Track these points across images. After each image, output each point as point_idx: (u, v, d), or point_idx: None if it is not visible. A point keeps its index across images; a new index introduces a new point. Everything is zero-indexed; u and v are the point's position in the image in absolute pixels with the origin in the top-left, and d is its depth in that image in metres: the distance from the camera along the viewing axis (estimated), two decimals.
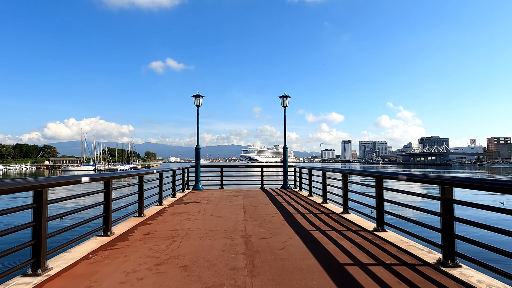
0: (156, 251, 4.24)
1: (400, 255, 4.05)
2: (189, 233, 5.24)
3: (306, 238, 4.87)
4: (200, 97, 13.36)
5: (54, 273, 3.42)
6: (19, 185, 3.12)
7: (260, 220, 6.34)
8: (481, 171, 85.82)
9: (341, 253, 4.11)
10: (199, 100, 13.37)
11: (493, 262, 3.09)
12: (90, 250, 4.30)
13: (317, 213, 7.23)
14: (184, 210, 7.73)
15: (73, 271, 3.51)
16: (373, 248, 4.34)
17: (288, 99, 13.68)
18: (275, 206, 8.30)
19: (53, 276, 3.34)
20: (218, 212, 7.39)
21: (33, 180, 3.34)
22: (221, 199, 9.85)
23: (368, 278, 3.28)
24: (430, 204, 14.75)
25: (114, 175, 5.28)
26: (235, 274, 3.39)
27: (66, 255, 4.06)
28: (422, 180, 4.24)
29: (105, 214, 5.15)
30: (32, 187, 3.32)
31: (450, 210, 3.68)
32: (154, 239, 4.91)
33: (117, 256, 4.05)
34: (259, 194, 11.19)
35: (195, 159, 13.61)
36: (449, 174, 6.72)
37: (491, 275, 3.27)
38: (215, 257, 3.96)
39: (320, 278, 3.28)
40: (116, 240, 4.82)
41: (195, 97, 13.36)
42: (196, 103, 13.39)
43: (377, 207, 5.45)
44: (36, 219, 3.42)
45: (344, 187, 7.13)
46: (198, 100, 13.37)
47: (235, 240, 4.79)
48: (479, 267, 3.29)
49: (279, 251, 4.20)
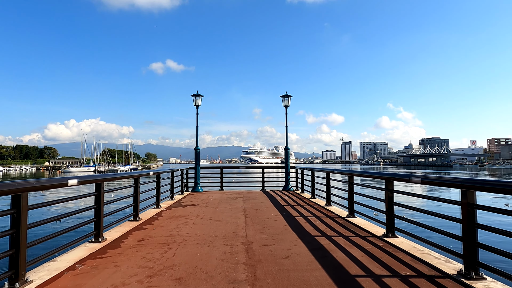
0: (149, 260, 3.89)
1: (415, 265, 3.70)
2: (186, 239, 4.89)
3: (311, 245, 4.52)
4: (199, 96, 13.03)
5: (34, 287, 3.07)
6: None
7: (262, 225, 5.99)
8: (483, 172, 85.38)
9: (351, 263, 3.76)
10: (198, 99, 13.04)
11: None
12: (78, 259, 3.95)
13: (321, 216, 6.88)
14: (182, 213, 7.38)
15: (56, 284, 3.16)
16: (385, 257, 3.99)
17: (289, 98, 13.34)
18: (277, 209, 7.95)
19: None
20: (218, 215, 7.04)
21: (11, 183, 2.99)
22: (220, 201, 9.50)
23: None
24: (444, 208, 14.27)
25: (106, 177, 4.93)
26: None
27: (51, 265, 3.72)
28: (440, 183, 3.89)
29: (96, 219, 4.80)
30: (10, 191, 2.97)
31: (472, 216, 3.33)
32: (148, 246, 4.56)
33: (106, 266, 3.70)
34: (260, 196, 10.84)
35: (195, 160, 13.27)
36: (450, 175, 6.45)
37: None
38: (214, 267, 3.61)
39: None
40: (107, 247, 4.48)
41: (194, 97, 13.03)
42: (195, 102, 13.06)
43: (387, 211, 5.10)
44: (15, 226, 3.08)
45: (350, 190, 6.79)
46: (197, 100, 13.04)
47: (235, 247, 4.45)
48: (507, 280, 2.95)
49: (283, 261, 3.85)
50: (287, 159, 13.51)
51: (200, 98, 13.09)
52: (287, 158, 13.54)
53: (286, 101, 13.33)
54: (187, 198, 10.52)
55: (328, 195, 8.51)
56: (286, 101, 13.33)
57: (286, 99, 13.32)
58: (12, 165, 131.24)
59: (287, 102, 13.33)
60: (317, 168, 10.32)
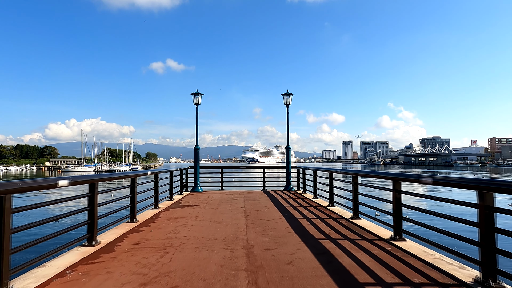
0: (144, 266, 3.66)
1: (427, 271, 3.47)
2: (184, 243, 4.66)
3: (316, 249, 4.29)
4: (199, 95, 12.80)
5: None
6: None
7: (263, 227, 5.76)
8: (484, 171, 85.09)
9: (359, 269, 3.52)
10: (198, 98, 12.81)
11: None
12: (68, 265, 3.72)
13: (324, 218, 6.64)
14: (180, 214, 7.16)
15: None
16: (395, 262, 3.75)
17: (291, 97, 13.10)
18: (279, 210, 7.72)
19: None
20: (217, 217, 6.81)
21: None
22: (221, 202, 9.27)
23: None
24: (455, 210, 13.85)
25: (100, 177, 4.69)
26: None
27: (39, 271, 3.49)
28: (455, 184, 3.64)
29: (89, 221, 4.57)
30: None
31: (491, 220, 3.09)
32: (144, 250, 4.33)
33: (98, 272, 3.47)
34: (261, 196, 10.61)
35: (194, 160, 13.05)
36: (451, 175, 6.12)
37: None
38: (212, 274, 3.38)
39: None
40: (101, 251, 4.25)
41: (194, 95, 12.79)
42: (195, 101, 12.83)
43: (394, 213, 4.87)
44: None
45: (355, 190, 6.55)
46: (197, 98, 12.81)
47: (235, 251, 4.21)
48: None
49: (286, 266, 3.61)
50: (289, 158, 13.27)
51: (200, 97, 12.86)
52: (288, 157, 13.30)
53: (287, 100, 13.09)
54: (186, 198, 10.29)
55: (331, 196, 8.27)
56: (288, 99, 13.09)
57: (287, 97, 13.08)
58: (13, 164, 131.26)
59: (288, 101, 13.09)
60: (319, 168, 10.08)
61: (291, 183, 13.01)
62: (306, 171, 12.14)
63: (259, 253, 4.11)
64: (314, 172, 10.19)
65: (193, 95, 12.80)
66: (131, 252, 4.23)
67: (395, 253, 4.14)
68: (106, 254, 4.14)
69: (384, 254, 4.10)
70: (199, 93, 12.78)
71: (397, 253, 4.11)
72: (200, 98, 12.87)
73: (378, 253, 4.12)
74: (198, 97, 12.81)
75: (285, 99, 13.11)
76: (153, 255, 4.08)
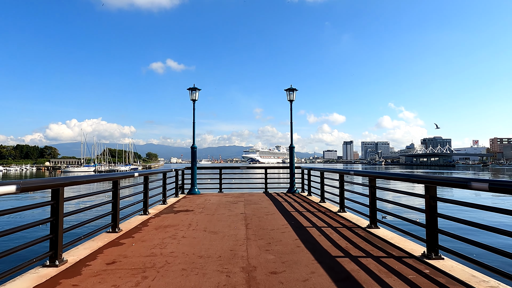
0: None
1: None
2: (169, 262, 3.77)
3: (335, 273, 3.38)
4: (196, 90, 11.91)
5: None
6: None
7: (267, 239, 4.86)
8: (486, 172, 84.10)
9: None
10: (195, 93, 11.92)
11: None
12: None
13: (337, 227, 5.75)
14: (172, 222, 6.26)
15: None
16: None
17: (294, 92, 12.20)
18: (284, 216, 6.83)
19: None
20: (214, 225, 5.92)
21: None
22: (218, 206, 8.38)
23: None
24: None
25: (65, 181, 3.80)
26: None
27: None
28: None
29: (52, 236, 3.69)
30: None
31: None
32: (117, 272, 3.44)
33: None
34: (263, 199, 9.71)
35: (191, 160, 12.15)
36: (453, 175, 5.29)
37: None
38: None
39: None
40: (63, 275, 3.36)
41: (191, 90, 11.90)
42: (192, 97, 11.94)
43: (428, 225, 3.97)
44: None
45: (372, 195, 5.66)
46: (194, 94, 11.92)
47: (233, 276, 3.31)
48: None
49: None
50: (292, 158, 12.37)
51: (197, 92, 11.97)
52: (292, 157, 12.39)
53: (291, 95, 12.20)
54: (181, 202, 9.40)
55: (342, 200, 7.37)
56: (291, 95, 12.20)
57: (291, 93, 12.18)
58: (13, 165, 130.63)
59: (292, 96, 12.20)
60: (327, 169, 9.19)
61: (295, 185, 12.11)
62: (312, 172, 11.22)
63: (263, 280, 3.20)
64: (321, 173, 9.28)
65: (190, 91, 11.91)
66: (100, 276, 3.34)
67: (436, 278, 3.24)
68: (68, 279, 3.25)
69: (422, 279, 3.20)
70: (196, 88, 11.89)
71: (439, 278, 3.21)
72: (198, 93, 11.98)
73: (414, 279, 3.21)
74: (195, 93, 11.92)
75: (288, 94, 12.21)
76: (127, 281, 3.19)
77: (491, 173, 75.38)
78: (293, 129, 12.51)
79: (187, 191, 11.75)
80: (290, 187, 12.07)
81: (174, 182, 10.76)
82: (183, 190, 11.89)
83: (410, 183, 26.50)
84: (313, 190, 10.94)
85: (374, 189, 5.66)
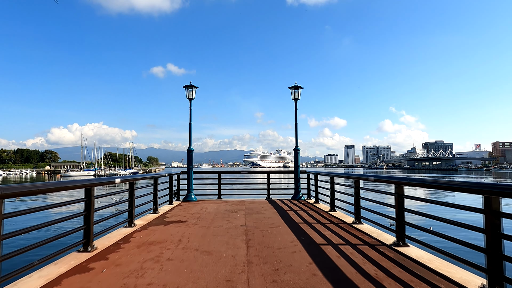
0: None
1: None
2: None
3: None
4: (193, 88, 10.97)
5: None
6: None
7: (274, 263, 3.87)
8: (489, 176, 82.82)
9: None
10: (192, 92, 10.98)
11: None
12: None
13: (358, 244, 4.75)
14: (159, 237, 5.28)
15: None
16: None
17: (300, 90, 11.25)
18: (291, 229, 5.83)
19: None
20: (208, 242, 4.93)
21: None
22: (216, 216, 7.39)
23: None
24: (458, 216, 12.08)
25: (6, 191, 2.81)
26: None
27: None
28: None
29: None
30: None
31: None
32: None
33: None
34: (266, 208, 8.72)
35: (187, 164, 11.19)
36: (456, 179, 4.94)
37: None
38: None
39: None
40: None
41: (187, 88, 10.96)
42: (188, 95, 11.00)
43: (488, 248, 2.99)
44: None
45: (399, 205, 4.67)
46: (190, 92, 10.98)
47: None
48: None
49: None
50: (298, 161, 11.37)
51: (194, 90, 11.03)
52: (297, 160, 11.39)
53: (295, 94, 11.24)
54: (175, 210, 8.42)
55: (358, 210, 6.38)
56: (296, 93, 11.24)
57: (295, 91, 11.24)
58: (12, 169, 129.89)
59: (296, 95, 11.25)
60: (339, 174, 8.19)
61: (300, 191, 11.10)
62: (319, 177, 10.21)
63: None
64: (332, 178, 8.26)
65: (186, 88, 10.97)
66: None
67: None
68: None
69: None
70: (193, 86, 10.95)
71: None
72: (194, 91, 11.05)
73: None
74: (192, 91, 10.98)
75: (293, 93, 11.27)
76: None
77: (494, 177, 74.11)
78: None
79: (183, 198, 10.77)
80: (295, 194, 11.05)
81: (168, 188, 9.78)
82: (178, 196, 10.92)
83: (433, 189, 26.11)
84: (321, 197, 9.95)
85: (402, 198, 4.68)
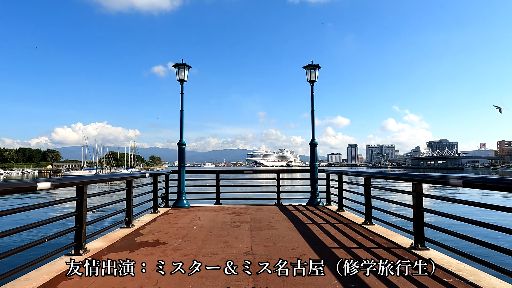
0: None
1: None
2: None
3: None
4: (185, 67, 8.84)
5: None
6: None
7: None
8: (497, 175, 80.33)
9: None
10: (183, 72, 8.85)
11: None
12: None
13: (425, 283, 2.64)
14: (109, 278, 3.18)
15: None
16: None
17: (317, 70, 9.11)
18: (326, 264, 3.65)
19: None
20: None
21: None
22: (209, 233, 5.29)
23: None
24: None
25: None
26: None
27: None
28: None
29: None
30: None
31: None
32: None
33: None
34: (278, 219, 6.57)
35: (178, 161, 9.09)
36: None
37: None
38: None
39: None
40: None
41: (178, 68, 8.83)
42: (179, 76, 8.88)
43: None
44: None
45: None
46: (182, 73, 8.85)
47: None
48: None
49: None
50: (315, 159, 9.21)
51: (187, 70, 8.91)
52: (314, 157, 9.23)
53: (312, 75, 9.11)
54: (157, 222, 6.32)
55: (420, 229, 4.21)
56: (312, 74, 9.11)
57: (312, 71, 9.10)
58: (14, 168, 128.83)
59: (313, 76, 9.11)
60: (369, 173, 6.06)
61: (318, 195, 8.95)
62: (343, 177, 8.04)
63: None
64: (366, 179, 6.09)
65: (176, 68, 8.85)
66: None
67: None
68: None
69: None
70: (185, 65, 8.81)
71: None
72: (187, 72, 8.93)
73: None
74: (184, 71, 8.86)
75: (308, 73, 9.13)
76: None
77: (502, 177, 71.61)
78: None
79: (173, 203, 8.68)
80: (312, 198, 8.88)
81: (152, 192, 7.67)
82: (167, 201, 8.82)
83: None
84: (346, 202, 7.80)
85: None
